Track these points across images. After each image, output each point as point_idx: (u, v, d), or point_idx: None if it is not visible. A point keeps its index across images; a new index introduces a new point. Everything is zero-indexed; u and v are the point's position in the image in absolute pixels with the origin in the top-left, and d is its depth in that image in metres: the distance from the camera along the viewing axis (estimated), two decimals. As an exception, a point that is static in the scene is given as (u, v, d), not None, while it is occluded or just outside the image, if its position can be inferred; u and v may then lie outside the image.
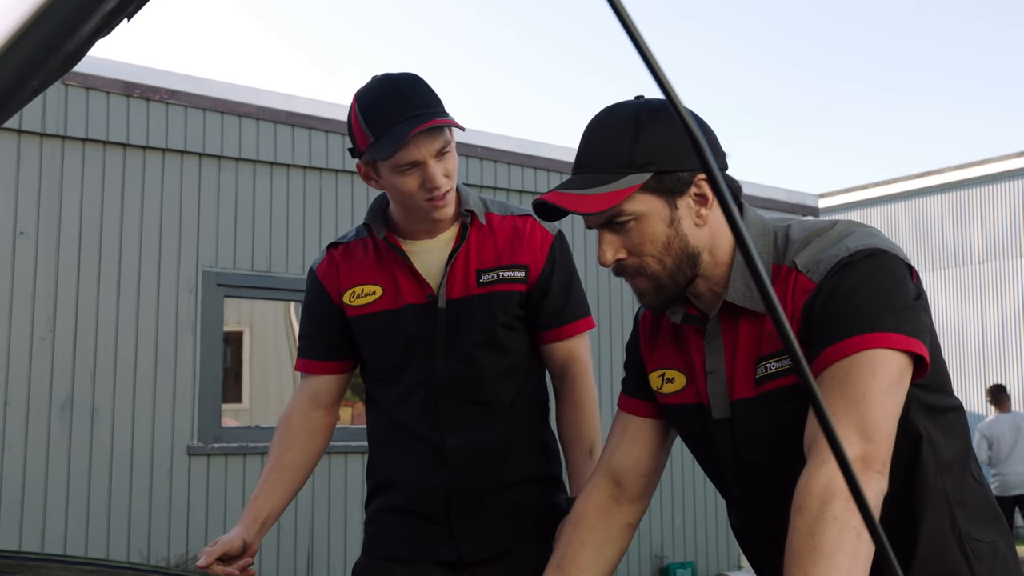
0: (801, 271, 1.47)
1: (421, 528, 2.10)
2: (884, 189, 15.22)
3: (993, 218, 13.97)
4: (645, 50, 0.53)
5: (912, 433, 1.47)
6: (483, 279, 2.07)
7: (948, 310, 14.31)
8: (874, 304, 1.40)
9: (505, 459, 2.09)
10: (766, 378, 1.50)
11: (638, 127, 1.48)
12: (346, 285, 2.14)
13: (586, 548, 1.69)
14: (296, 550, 6.42)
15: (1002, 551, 1.54)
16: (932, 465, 1.48)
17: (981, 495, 1.56)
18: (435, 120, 1.92)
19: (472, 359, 2.07)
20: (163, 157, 6.30)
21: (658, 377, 1.67)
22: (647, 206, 1.48)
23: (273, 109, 6.67)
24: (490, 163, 7.42)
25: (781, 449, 1.49)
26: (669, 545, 7.97)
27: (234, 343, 7.50)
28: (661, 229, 1.49)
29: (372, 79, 2.04)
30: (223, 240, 6.45)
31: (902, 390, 1.39)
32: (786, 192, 9.41)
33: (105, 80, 6.08)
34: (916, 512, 1.47)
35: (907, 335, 1.39)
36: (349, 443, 6.52)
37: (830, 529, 1.27)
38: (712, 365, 1.57)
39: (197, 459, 6.21)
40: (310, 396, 2.18)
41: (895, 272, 1.44)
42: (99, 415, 5.95)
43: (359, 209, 6.92)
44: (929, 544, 1.47)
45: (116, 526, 5.92)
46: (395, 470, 2.15)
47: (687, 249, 1.51)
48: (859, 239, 1.46)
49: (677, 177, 1.48)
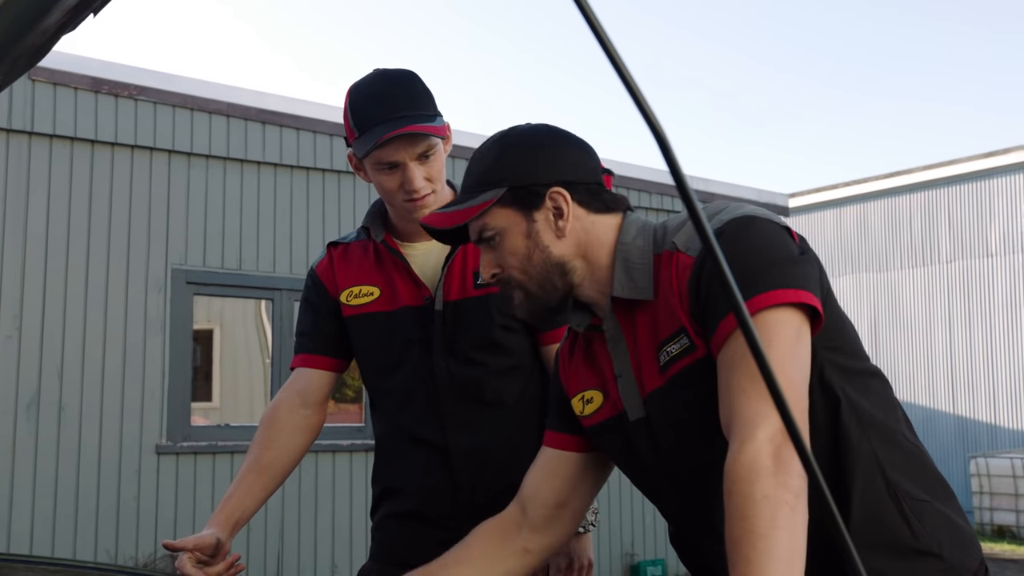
0: (680, 250, 1.50)
1: (429, 533, 2.09)
2: (853, 189, 15.34)
3: (961, 218, 14.11)
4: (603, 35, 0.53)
5: (830, 395, 1.47)
6: (480, 281, 2.08)
7: (916, 309, 14.44)
8: (755, 265, 1.40)
9: (511, 460, 2.07)
10: (669, 362, 1.51)
11: (501, 148, 1.58)
12: (344, 285, 2.14)
13: (461, 563, 1.72)
14: (266, 551, 6.39)
15: (946, 513, 1.51)
16: (855, 427, 1.47)
17: (919, 458, 1.54)
18: (414, 126, 1.92)
19: (472, 360, 2.06)
20: (132, 154, 6.25)
21: (579, 401, 1.69)
22: (506, 220, 1.56)
23: (244, 106, 6.63)
24: (462, 161, 7.40)
25: (696, 433, 1.49)
26: (640, 543, 8.00)
27: (204, 341, 7.46)
28: (521, 242, 1.57)
29: (369, 73, 2.05)
30: (193, 238, 6.40)
31: (803, 347, 1.39)
32: (756, 192, 9.45)
33: (73, 76, 6.02)
34: (845, 475, 1.46)
35: (793, 288, 1.39)
36: (320, 442, 6.48)
37: (762, 509, 1.26)
38: (620, 368, 1.59)
39: (166, 458, 6.17)
40: (299, 392, 2.17)
41: (771, 232, 1.45)
42: (66, 414, 5.89)
43: (330, 207, 6.90)
44: (863, 506, 1.45)
45: (83, 526, 5.87)
46: (400, 475, 2.14)
47: (550, 259, 1.56)
48: (731, 211, 1.49)
49: (530, 190, 1.55)
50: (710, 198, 8.89)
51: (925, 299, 14.38)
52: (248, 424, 6.61)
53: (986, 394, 13.64)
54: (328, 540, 6.62)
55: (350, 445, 6.75)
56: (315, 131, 6.84)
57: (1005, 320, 13.52)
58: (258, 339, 7.54)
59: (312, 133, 6.84)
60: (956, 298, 14.05)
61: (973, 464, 11.47)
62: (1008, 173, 13.62)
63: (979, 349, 13.75)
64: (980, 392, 13.72)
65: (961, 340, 13.95)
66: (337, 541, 6.64)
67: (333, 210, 6.91)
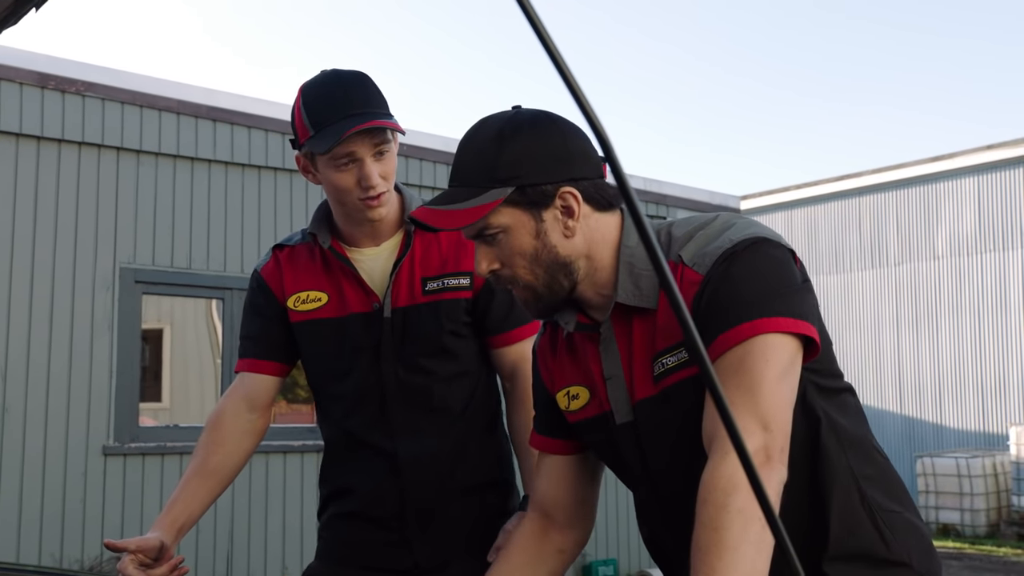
0: (687, 264, 1.49)
1: (376, 535, 2.09)
2: (804, 192, 15.51)
3: (908, 221, 14.33)
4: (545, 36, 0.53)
5: (811, 416, 1.50)
6: (428, 287, 2.06)
7: (864, 311, 14.64)
8: (761, 290, 1.42)
9: (458, 466, 2.07)
10: (664, 374, 1.51)
11: (502, 141, 1.50)
12: (291, 290, 2.12)
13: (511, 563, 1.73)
14: (215, 553, 6.32)
15: (913, 521, 1.56)
16: (834, 444, 1.50)
17: (887, 469, 1.58)
18: (376, 121, 1.91)
19: (421, 367, 2.05)
20: (79, 151, 6.15)
21: (564, 396, 1.68)
22: (512, 219, 1.50)
23: (194, 104, 6.55)
24: (416, 161, 7.39)
25: (685, 446, 1.49)
26: (591, 543, 8.02)
27: (154, 341, 7.37)
28: (528, 241, 1.51)
29: (319, 73, 2.03)
30: (142, 236, 6.32)
31: (795, 374, 1.41)
32: (708, 193, 9.52)
33: (19, 71, 5.91)
34: (824, 492, 1.49)
35: (795, 318, 1.41)
36: (271, 443, 6.43)
37: (735, 522, 1.27)
38: (610, 370, 1.58)
39: (113, 459, 6.08)
40: (245, 397, 2.14)
41: (779, 258, 1.47)
42: (10, 415, 5.78)
43: (282, 206, 6.84)
44: (840, 521, 1.49)
45: (27, 528, 5.76)
46: (348, 478, 2.13)
47: (557, 259, 1.52)
48: (740, 230, 1.49)
49: (540, 190, 1.49)
50: (663, 199, 8.94)
51: (873, 301, 14.58)
52: (198, 425, 6.54)
53: (932, 395, 13.87)
54: (279, 541, 6.56)
55: (301, 446, 6.70)
56: (266, 129, 6.78)
57: (951, 322, 13.75)
58: (208, 339, 7.46)
59: (263, 131, 6.78)
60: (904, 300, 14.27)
61: (919, 463, 11.65)
62: (955, 177, 13.86)
63: (926, 350, 13.97)
64: (927, 393, 13.94)
65: (908, 341, 14.17)
66: (288, 542, 6.59)
67: (285, 209, 6.85)
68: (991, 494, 11.18)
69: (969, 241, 13.68)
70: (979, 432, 13.35)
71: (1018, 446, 11.02)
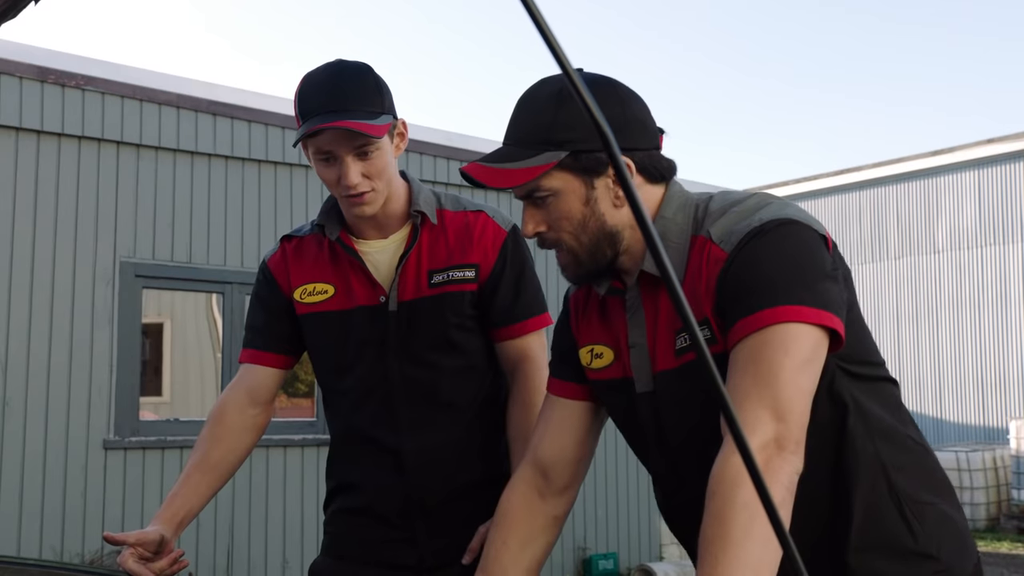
0: (714, 241, 1.46)
1: (381, 531, 2.08)
2: (804, 186, 15.51)
3: (909, 215, 14.33)
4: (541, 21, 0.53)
5: (839, 403, 1.47)
6: (434, 280, 2.04)
7: (864, 305, 14.62)
8: (785, 275, 1.38)
9: (464, 461, 2.06)
10: (685, 349, 1.49)
11: (560, 104, 1.48)
12: (297, 282, 2.11)
13: (509, 546, 1.68)
14: (216, 546, 6.33)
15: (949, 514, 1.52)
16: (861, 431, 1.47)
17: (924, 459, 1.54)
18: (344, 122, 1.87)
19: (426, 361, 2.04)
20: (79, 145, 6.15)
21: (587, 353, 1.66)
22: (564, 183, 1.49)
23: (194, 97, 6.54)
24: (416, 155, 7.38)
25: (701, 422, 1.48)
26: (592, 536, 8.03)
27: (154, 335, 7.37)
28: (577, 207, 1.50)
29: (326, 62, 2.01)
30: (142, 230, 6.31)
31: (817, 365, 1.37)
32: (711, 188, 9.53)
33: (18, 65, 5.90)
34: (848, 479, 1.46)
35: (819, 308, 1.37)
36: (271, 436, 6.44)
37: (740, 516, 1.26)
38: (635, 338, 1.56)
39: (113, 453, 6.08)
40: (247, 391, 2.13)
41: (807, 242, 1.43)
42: (11, 409, 5.79)
43: (282, 200, 6.84)
44: (864, 510, 1.46)
45: (28, 522, 5.77)
46: (353, 473, 2.12)
47: (604, 228, 1.51)
48: (773, 211, 1.45)
49: (594, 157, 1.47)
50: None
51: (874, 295, 14.59)
52: (199, 419, 6.54)
53: (932, 388, 13.88)
54: (279, 535, 6.57)
55: (302, 440, 6.70)
56: (267, 123, 6.77)
57: (951, 316, 13.75)
58: (209, 333, 7.47)
59: (264, 125, 6.77)
60: (904, 294, 14.28)
61: (919, 457, 11.64)
62: (955, 171, 13.85)
63: (926, 344, 13.98)
64: (927, 386, 13.95)
65: (908, 335, 14.17)
66: (288, 536, 6.60)
67: (285, 203, 6.85)
68: (991, 488, 11.18)
69: (969, 235, 13.69)
70: (979, 426, 13.37)
71: (1018, 440, 11.02)
